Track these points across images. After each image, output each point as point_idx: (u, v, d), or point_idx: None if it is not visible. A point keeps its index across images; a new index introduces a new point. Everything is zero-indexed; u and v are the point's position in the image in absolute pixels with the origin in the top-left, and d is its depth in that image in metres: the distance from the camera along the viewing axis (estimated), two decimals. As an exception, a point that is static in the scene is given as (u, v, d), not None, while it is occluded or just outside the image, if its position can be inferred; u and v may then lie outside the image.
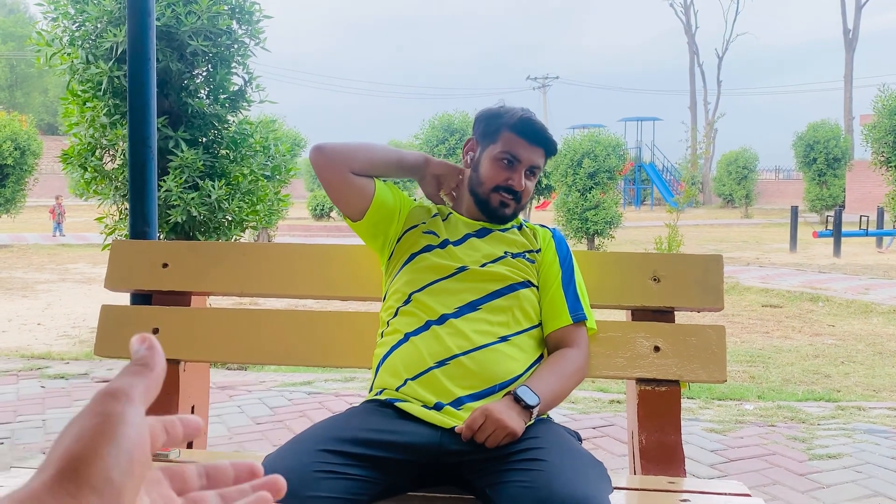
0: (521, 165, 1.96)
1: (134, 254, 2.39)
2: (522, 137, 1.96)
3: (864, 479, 3.23)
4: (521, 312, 1.90)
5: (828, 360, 5.90)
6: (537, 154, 1.98)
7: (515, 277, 1.92)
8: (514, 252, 1.97)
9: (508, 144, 1.96)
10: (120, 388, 0.45)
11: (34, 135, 17.02)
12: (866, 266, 12.62)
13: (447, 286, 1.89)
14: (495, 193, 1.97)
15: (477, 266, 1.92)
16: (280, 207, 5.88)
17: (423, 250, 1.96)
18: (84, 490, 0.40)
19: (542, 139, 1.98)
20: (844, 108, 39.95)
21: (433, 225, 2.02)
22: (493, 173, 1.97)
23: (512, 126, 1.96)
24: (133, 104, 2.72)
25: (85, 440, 0.42)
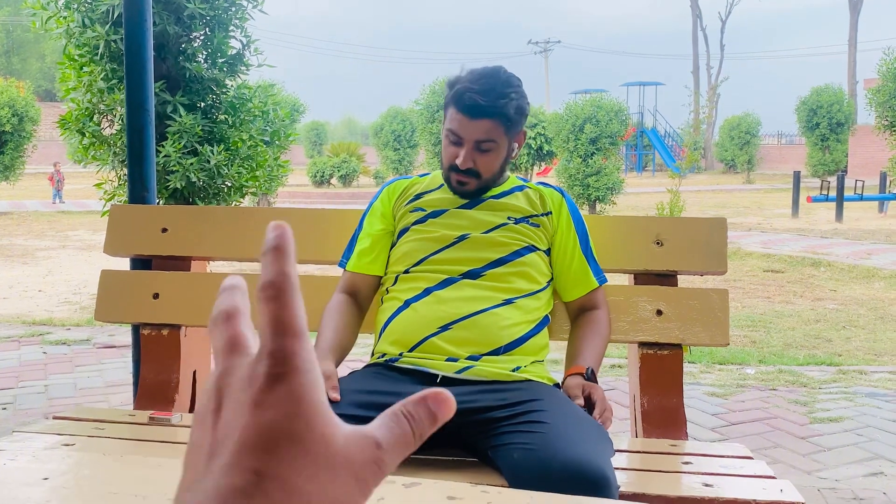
0: (466, 142, 1.85)
1: (133, 218, 2.37)
2: (463, 113, 1.83)
3: (865, 443, 3.24)
4: (524, 278, 1.88)
5: (829, 325, 5.90)
6: (481, 127, 1.83)
7: (518, 244, 1.89)
8: (517, 217, 1.93)
9: (451, 121, 1.86)
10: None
11: (32, 101, 16.91)
12: (868, 231, 12.60)
13: (448, 255, 1.87)
14: (451, 173, 1.90)
15: (479, 233, 1.89)
16: (280, 173, 5.85)
17: (421, 220, 1.94)
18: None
19: (481, 111, 1.82)
20: (848, 72, 39.64)
21: (427, 197, 1.98)
22: (446, 153, 1.90)
23: (453, 100, 1.85)
24: (130, 68, 2.68)
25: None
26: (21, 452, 1.27)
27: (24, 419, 3.46)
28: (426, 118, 18.66)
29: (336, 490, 0.35)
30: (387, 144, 26.78)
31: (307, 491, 0.35)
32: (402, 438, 0.38)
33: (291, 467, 0.35)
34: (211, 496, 0.34)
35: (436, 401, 0.39)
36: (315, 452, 0.35)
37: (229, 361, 0.38)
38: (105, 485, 1.14)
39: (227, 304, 0.41)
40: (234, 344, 0.39)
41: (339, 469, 0.36)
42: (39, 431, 1.89)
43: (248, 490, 0.34)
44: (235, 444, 0.35)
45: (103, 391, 3.98)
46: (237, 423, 0.36)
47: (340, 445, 0.36)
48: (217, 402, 0.37)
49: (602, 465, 1.45)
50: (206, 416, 0.38)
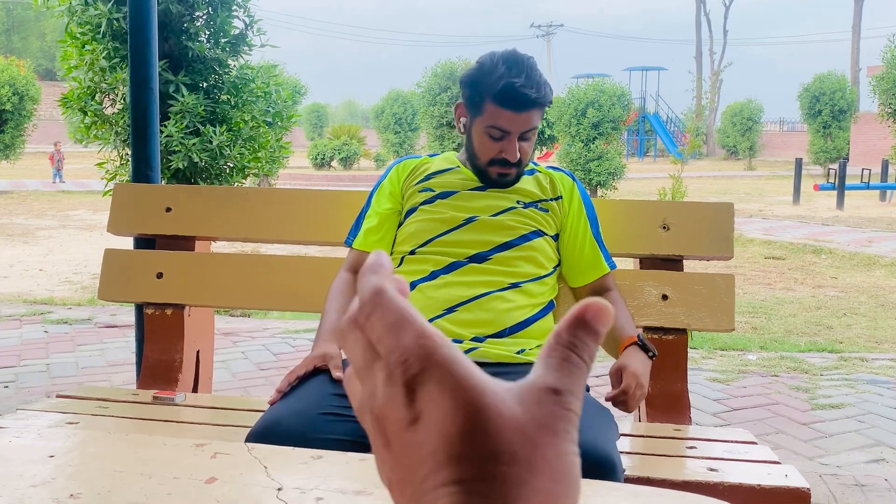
0: (512, 136, 1.83)
1: (137, 198, 2.36)
2: (508, 109, 1.80)
3: (867, 429, 3.24)
4: (531, 263, 1.86)
5: (830, 312, 5.90)
6: (528, 118, 1.82)
7: (526, 228, 1.88)
8: (526, 202, 1.91)
9: (494, 118, 1.81)
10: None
11: (32, 80, 16.85)
12: (870, 219, 12.58)
13: (456, 237, 1.85)
14: (492, 167, 1.87)
15: (487, 216, 1.87)
16: (281, 155, 5.82)
17: (429, 201, 1.92)
18: None
19: (530, 103, 1.80)
20: (851, 60, 39.47)
21: (438, 178, 1.96)
22: (485, 148, 1.85)
23: (495, 97, 1.80)
24: (134, 45, 2.66)
25: None
26: (26, 430, 1.27)
27: (26, 397, 3.46)
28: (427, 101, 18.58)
29: (547, 457, 0.33)
30: (388, 127, 26.70)
31: (536, 483, 0.32)
32: (575, 371, 0.35)
33: (497, 467, 0.32)
34: None
35: (591, 314, 0.35)
36: (507, 438, 0.33)
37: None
38: (111, 463, 1.14)
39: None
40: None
41: (536, 436, 0.33)
42: (43, 410, 1.89)
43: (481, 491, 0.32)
44: (438, 459, 0.33)
45: (105, 370, 3.98)
46: (420, 442, 0.33)
47: (523, 413, 0.33)
48: (382, 433, 0.35)
49: (608, 448, 1.45)
50: (380, 450, 0.35)
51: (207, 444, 1.20)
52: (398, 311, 0.35)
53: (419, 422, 0.33)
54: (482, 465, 0.32)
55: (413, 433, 0.33)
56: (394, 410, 0.34)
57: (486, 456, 0.32)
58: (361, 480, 1.08)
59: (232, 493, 1.03)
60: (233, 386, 3.77)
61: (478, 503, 0.31)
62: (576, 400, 0.34)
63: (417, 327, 0.34)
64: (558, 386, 0.34)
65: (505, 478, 0.32)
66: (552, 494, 0.32)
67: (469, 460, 0.32)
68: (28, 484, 1.04)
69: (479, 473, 0.32)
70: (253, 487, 1.04)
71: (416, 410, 0.33)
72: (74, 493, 1.02)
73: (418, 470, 0.33)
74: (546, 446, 0.33)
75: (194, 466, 1.12)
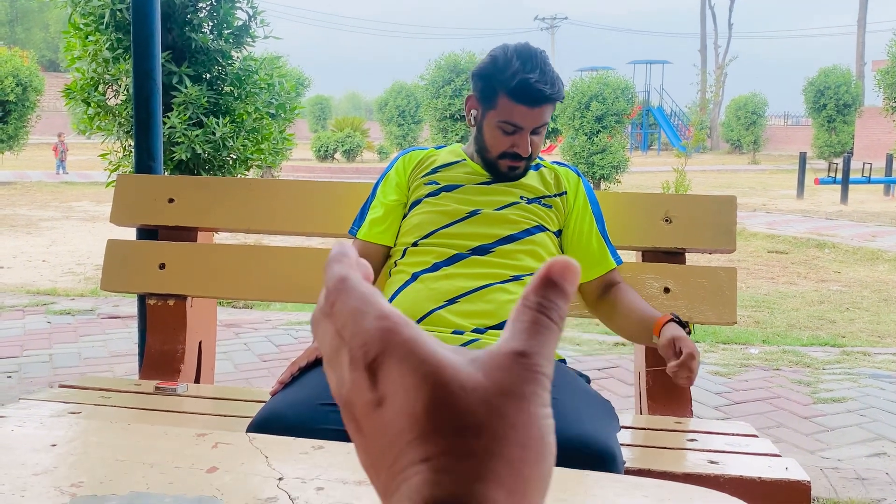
0: (525, 131, 1.83)
1: (140, 188, 2.36)
2: (522, 104, 1.80)
3: (869, 423, 3.24)
4: (533, 257, 1.87)
5: (833, 306, 5.89)
6: (542, 114, 1.83)
7: (529, 223, 1.88)
8: (530, 197, 1.91)
9: (508, 113, 1.81)
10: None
11: (36, 71, 16.84)
12: (874, 213, 12.56)
13: (459, 230, 1.86)
14: (503, 160, 1.87)
15: (490, 210, 1.87)
16: (284, 147, 5.82)
17: (434, 193, 1.92)
18: None
19: (544, 99, 1.80)
20: (857, 54, 39.34)
21: (444, 171, 1.96)
22: (496, 141, 1.86)
23: (509, 92, 1.80)
24: (137, 36, 2.66)
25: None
26: (28, 419, 1.27)
27: (29, 388, 3.47)
28: (431, 93, 18.54)
29: (514, 425, 0.32)
30: (391, 120, 26.67)
31: (504, 452, 0.32)
32: (544, 332, 0.34)
33: (464, 441, 0.32)
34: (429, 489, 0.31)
35: (556, 272, 0.34)
36: (472, 410, 0.32)
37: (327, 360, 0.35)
38: (112, 452, 1.14)
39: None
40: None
41: (502, 405, 0.32)
42: (46, 399, 1.89)
43: (450, 468, 0.31)
44: (405, 439, 0.32)
45: (108, 361, 3.99)
46: (387, 424, 0.33)
47: (487, 382, 0.32)
48: (353, 419, 0.35)
49: (608, 440, 1.45)
50: (355, 434, 0.35)
51: (209, 433, 1.20)
52: (359, 296, 0.35)
53: (384, 404, 0.33)
54: (449, 440, 0.32)
55: (380, 415, 0.33)
56: (359, 395, 0.34)
57: (452, 431, 0.32)
58: (362, 470, 1.08)
59: (233, 482, 1.03)
60: (235, 377, 3.77)
61: (448, 480, 0.31)
62: (545, 361, 0.33)
63: (377, 310, 0.34)
64: (525, 349, 0.33)
65: (473, 451, 0.31)
66: (522, 461, 0.32)
67: (435, 437, 0.32)
68: (30, 472, 1.05)
69: (447, 449, 0.32)
70: (254, 477, 1.05)
71: (380, 392, 0.33)
72: (76, 482, 1.02)
73: (388, 452, 0.33)
74: (513, 413, 0.32)
75: (196, 456, 1.12)
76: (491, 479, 0.31)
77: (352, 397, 0.34)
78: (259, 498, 0.98)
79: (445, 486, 0.31)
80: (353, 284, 0.35)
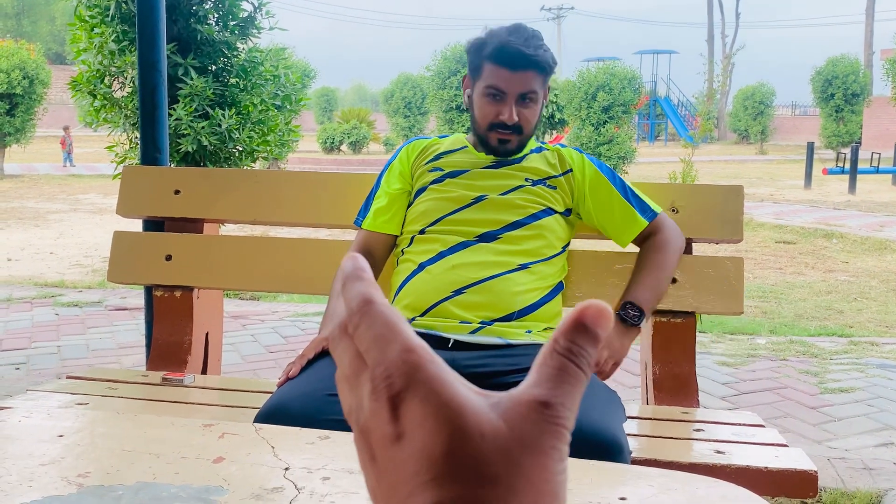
0: (509, 97, 1.83)
1: (146, 180, 2.37)
2: (503, 67, 1.81)
3: (876, 413, 3.23)
4: (542, 242, 1.86)
5: (841, 297, 5.87)
6: (525, 79, 1.82)
7: (536, 206, 1.88)
8: (535, 179, 1.91)
9: (491, 77, 1.83)
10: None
11: (42, 63, 16.85)
12: (882, 203, 12.50)
13: (465, 216, 1.85)
14: (491, 132, 1.87)
15: (496, 195, 1.87)
16: (290, 138, 5.81)
17: (439, 180, 1.92)
18: None
19: (525, 62, 1.80)
20: (865, 43, 39.11)
21: (448, 157, 1.96)
22: (484, 111, 1.86)
23: (490, 56, 1.82)
24: (142, 28, 2.66)
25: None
26: (36, 410, 1.28)
27: (37, 379, 3.48)
28: (437, 84, 18.51)
29: (530, 479, 0.32)
30: (397, 111, 26.63)
31: (507, 502, 0.31)
32: (570, 381, 0.33)
33: (479, 489, 0.31)
34: None
35: (590, 317, 0.33)
36: (490, 460, 0.32)
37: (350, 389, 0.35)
38: (119, 442, 1.15)
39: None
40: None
41: (520, 457, 0.32)
42: (53, 390, 1.90)
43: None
44: (420, 480, 0.32)
45: (116, 353, 4.00)
46: (403, 460, 0.33)
47: (507, 432, 0.32)
48: (368, 447, 0.34)
49: (614, 430, 1.45)
50: (366, 463, 0.35)
51: (215, 424, 1.21)
52: (386, 322, 0.34)
53: (403, 440, 0.33)
54: (463, 487, 0.31)
55: (397, 450, 0.33)
56: (378, 426, 0.33)
57: (468, 478, 0.31)
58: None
59: (239, 472, 1.03)
60: (242, 368, 3.78)
61: None
62: (569, 413, 0.33)
63: (403, 340, 0.34)
64: (549, 399, 0.33)
65: (486, 501, 0.31)
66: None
67: (451, 482, 0.31)
68: (37, 463, 1.05)
69: (461, 496, 0.31)
70: (260, 467, 1.05)
71: (400, 428, 0.33)
72: (83, 472, 1.02)
73: (401, 488, 0.32)
74: (529, 466, 0.32)
75: (202, 446, 1.12)
76: None
77: (370, 426, 0.34)
78: (265, 488, 0.99)
79: None
80: (378, 308, 0.35)
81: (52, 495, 0.96)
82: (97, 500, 0.95)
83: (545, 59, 1.83)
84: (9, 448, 1.11)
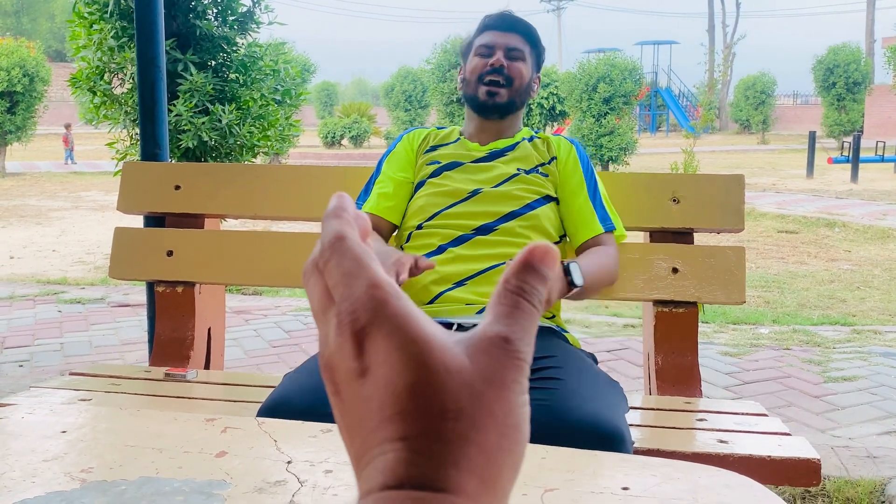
0: (497, 49, 1.93)
1: (146, 175, 2.37)
2: (493, 29, 1.96)
3: (879, 401, 3.23)
4: (538, 232, 1.87)
5: (843, 285, 5.87)
6: (512, 38, 1.94)
7: (531, 196, 1.88)
8: (528, 168, 1.92)
9: (482, 40, 1.96)
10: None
11: (42, 61, 16.84)
12: (884, 192, 12.48)
13: (462, 210, 1.86)
14: (481, 86, 1.92)
15: (490, 187, 1.87)
16: (291, 133, 5.81)
17: (436, 174, 1.92)
18: None
19: (513, 23, 1.95)
20: (866, 31, 39.00)
21: (443, 150, 1.97)
22: (474, 67, 1.95)
23: (482, 28, 1.98)
24: (140, 23, 2.65)
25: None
26: (38, 407, 1.28)
27: (40, 376, 3.49)
28: (437, 78, 18.48)
29: (493, 413, 0.32)
30: (398, 105, 26.61)
31: (481, 439, 0.32)
32: (525, 317, 0.33)
33: (443, 424, 0.31)
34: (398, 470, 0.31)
35: (536, 257, 0.34)
36: (454, 394, 0.32)
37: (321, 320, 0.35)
38: (122, 438, 1.15)
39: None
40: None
41: (484, 391, 0.32)
42: (56, 387, 1.90)
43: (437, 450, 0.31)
44: (385, 414, 0.32)
45: (119, 349, 4.01)
46: (368, 395, 0.32)
47: (471, 367, 0.32)
48: (332, 382, 0.34)
49: (617, 420, 1.45)
50: (333, 397, 0.35)
51: (218, 418, 1.21)
52: (354, 258, 0.34)
53: (367, 375, 0.33)
54: (427, 421, 0.31)
55: (361, 385, 0.33)
56: (343, 361, 0.33)
57: (431, 413, 0.31)
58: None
59: (242, 466, 1.03)
60: (245, 363, 3.79)
61: (421, 461, 0.31)
62: (527, 348, 0.33)
63: (370, 276, 0.33)
64: (508, 334, 0.33)
65: (450, 435, 0.31)
66: (497, 449, 0.32)
67: (414, 417, 0.31)
68: (40, 459, 1.06)
69: (424, 430, 0.31)
70: (263, 461, 1.05)
71: (364, 363, 0.33)
72: (86, 468, 1.03)
73: (366, 423, 0.32)
74: (493, 401, 0.32)
75: (205, 441, 1.13)
76: (465, 465, 0.31)
77: (334, 361, 0.34)
78: (268, 481, 0.99)
79: (419, 467, 0.31)
80: (349, 245, 0.35)
81: (56, 491, 0.96)
82: (100, 495, 0.95)
83: (530, 28, 1.98)
84: (12, 444, 1.11)
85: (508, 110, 1.94)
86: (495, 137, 1.97)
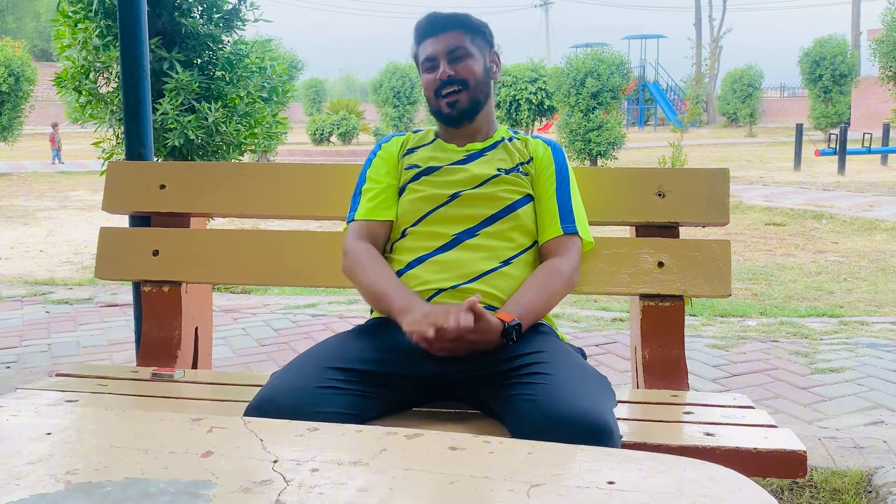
0: (439, 59, 1.90)
1: (131, 175, 2.36)
2: (425, 38, 1.93)
3: (866, 392, 3.25)
4: (520, 232, 1.87)
5: (831, 277, 5.90)
6: (449, 38, 1.91)
7: (513, 196, 1.88)
8: (508, 168, 1.92)
9: (423, 52, 1.94)
10: None
11: (28, 61, 16.75)
12: (871, 183, 12.54)
13: (442, 214, 1.86)
14: (440, 100, 1.91)
15: (470, 189, 1.87)
16: (278, 131, 5.79)
17: (415, 179, 1.92)
18: None
19: (443, 23, 1.92)
20: (852, 23, 39.12)
21: (420, 152, 1.96)
22: (426, 85, 1.94)
23: (417, 39, 1.96)
24: (124, 22, 2.64)
25: None
26: (24, 408, 1.28)
27: (28, 377, 3.47)
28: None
29: None
30: (386, 101, 26.56)
31: None
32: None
33: None
34: None
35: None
36: None
37: None
38: (107, 439, 1.15)
39: None
40: None
41: None
42: (43, 388, 1.89)
43: None
44: None
45: (107, 349, 3.99)
46: None
47: None
48: None
49: (604, 414, 1.45)
50: None
51: (204, 418, 1.21)
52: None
53: None
54: None
55: None
56: None
57: None
58: (357, 451, 1.08)
59: (228, 466, 1.03)
60: (234, 362, 3.78)
61: None
62: None
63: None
64: None
65: None
66: None
67: None
68: (25, 461, 1.05)
69: None
70: (249, 460, 1.05)
71: None
72: (71, 470, 1.02)
73: None
74: None
75: (191, 441, 1.12)
76: None
77: None
78: (254, 481, 0.99)
79: None
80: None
81: (40, 493, 0.96)
82: (85, 497, 0.95)
83: (462, 17, 1.94)
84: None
85: (475, 110, 1.94)
86: (472, 139, 1.97)
